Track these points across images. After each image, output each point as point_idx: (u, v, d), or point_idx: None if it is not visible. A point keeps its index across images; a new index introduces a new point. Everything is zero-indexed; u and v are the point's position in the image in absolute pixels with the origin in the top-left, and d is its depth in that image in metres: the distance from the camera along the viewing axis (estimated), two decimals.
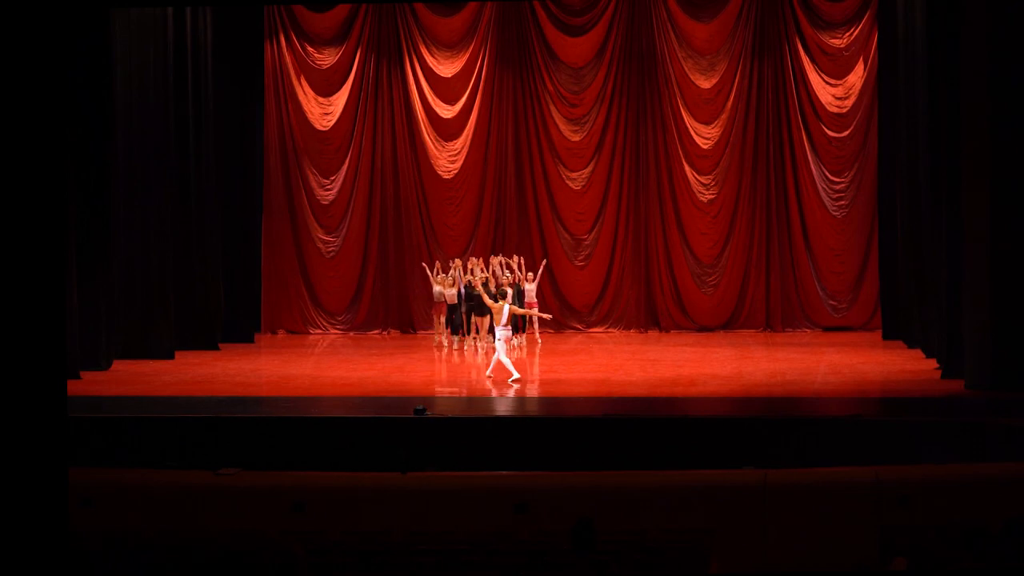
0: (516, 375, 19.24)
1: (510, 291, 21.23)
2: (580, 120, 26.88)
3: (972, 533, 9.83)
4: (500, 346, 19.59)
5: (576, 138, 26.90)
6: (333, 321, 27.06)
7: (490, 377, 19.66)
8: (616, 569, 9.15)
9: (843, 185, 26.30)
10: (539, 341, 24.27)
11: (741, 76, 26.38)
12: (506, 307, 19.78)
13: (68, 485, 5.73)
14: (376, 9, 26.78)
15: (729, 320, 26.48)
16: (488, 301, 20.76)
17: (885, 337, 24.11)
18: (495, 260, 24.51)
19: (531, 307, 23.55)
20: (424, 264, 25.50)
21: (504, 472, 13.12)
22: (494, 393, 18.78)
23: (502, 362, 19.36)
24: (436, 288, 24.25)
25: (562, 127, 26.92)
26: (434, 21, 26.90)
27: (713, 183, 26.60)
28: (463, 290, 23.79)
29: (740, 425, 15.66)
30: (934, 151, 20.13)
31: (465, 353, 23.12)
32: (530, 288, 23.88)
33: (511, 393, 18.55)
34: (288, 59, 27.01)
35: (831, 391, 18.41)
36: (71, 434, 5.79)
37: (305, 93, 27.09)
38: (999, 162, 17.00)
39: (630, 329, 26.75)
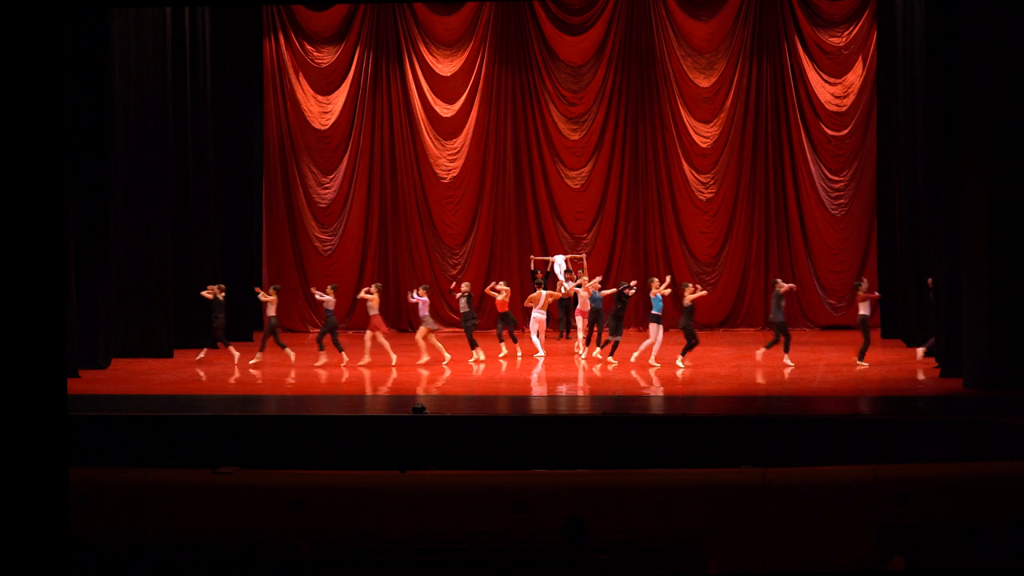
0: (541, 352, 21.92)
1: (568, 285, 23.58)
2: (579, 119, 26.90)
3: (971, 532, 9.84)
4: (534, 326, 22.14)
5: (575, 137, 26.92)
6: None
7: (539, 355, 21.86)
8: (615, 568, 9.15)
9: (842, 184, 26.32)
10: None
11: (740, 75, 26.40)
12: (543, 293, 22.34)
13: (68, 485, 5.73)
14: (375, 8, 26.79)
15: (728, 318, 26.49)
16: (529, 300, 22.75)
17: (884, 336, 24.11)
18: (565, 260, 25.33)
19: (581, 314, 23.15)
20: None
21: (503, 471, 13.11)
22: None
23: (532, 340, 22.07)
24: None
25: (561, 126, 26.93)
26: (433, 20, 26.90)
27: (712, 182, 26.62)
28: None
29: (739, 424, 15.66)
30: (933, 150, 20.14)
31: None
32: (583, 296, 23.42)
33: (510, 391, 18.57)
34: (287, 57, 27.02)
35: (830, 390, 18.42)
36: (70, 433, 5.79)
37: (304, 91, 27.10)
38: (998, 161, 17.00)
39: (628, 327, 26.71)
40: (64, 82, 14.61)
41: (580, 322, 22.52)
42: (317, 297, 22.79)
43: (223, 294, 21.80)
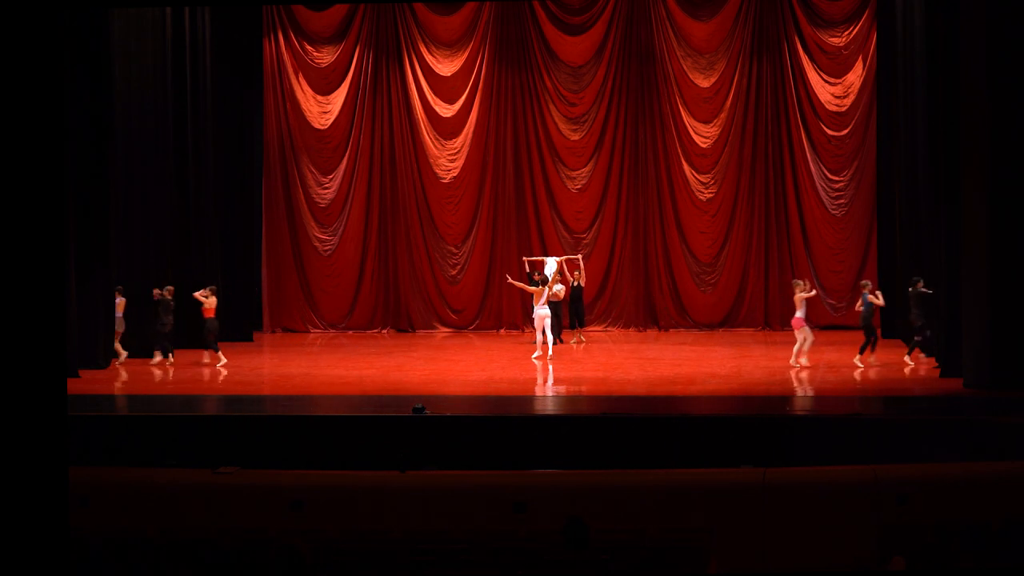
0: (539, 352, 21.58)
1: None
2: (579, 119, 26.90)
3: (971, 532, 9.83)
4: (539, 323, 21.92)
5: (575, 137, 26.92)
6: (331, 319, 27.05)
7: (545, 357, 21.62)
8: (615, 568, 9.15)
9: (842, 184, 26.32)
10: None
11: (740, 75, 26.40)
12: (546, 291, 22.25)
13: (68, 485, 5.73)
14: (375, 8, 26.79)
15: (727, 318, 26.49)
16: (530, 289, 22.95)
17: (884, 336, 24.10)
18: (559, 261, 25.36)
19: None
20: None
21: (503, 471, 13.11)
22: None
23: (544, 337, 21.78)
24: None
25: (561, 126, 26.93)
26: (433, 20, 26.90)
27: (712, 182, 26.62)
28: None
29: (739, 424, 15.66)
30: (933, 150, 20.15)
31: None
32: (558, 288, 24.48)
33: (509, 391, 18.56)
34: (287, 57, 27.02)
35: (830, 390, 18.42)
36: (70, 433, 5.79)
37: (304, 91, 27.10)
38: (998, 161, 17.01)
39: (629, 328, 26.77)
40: (64, 82, 14.61)
41: (799, 335, 20.65)
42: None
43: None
